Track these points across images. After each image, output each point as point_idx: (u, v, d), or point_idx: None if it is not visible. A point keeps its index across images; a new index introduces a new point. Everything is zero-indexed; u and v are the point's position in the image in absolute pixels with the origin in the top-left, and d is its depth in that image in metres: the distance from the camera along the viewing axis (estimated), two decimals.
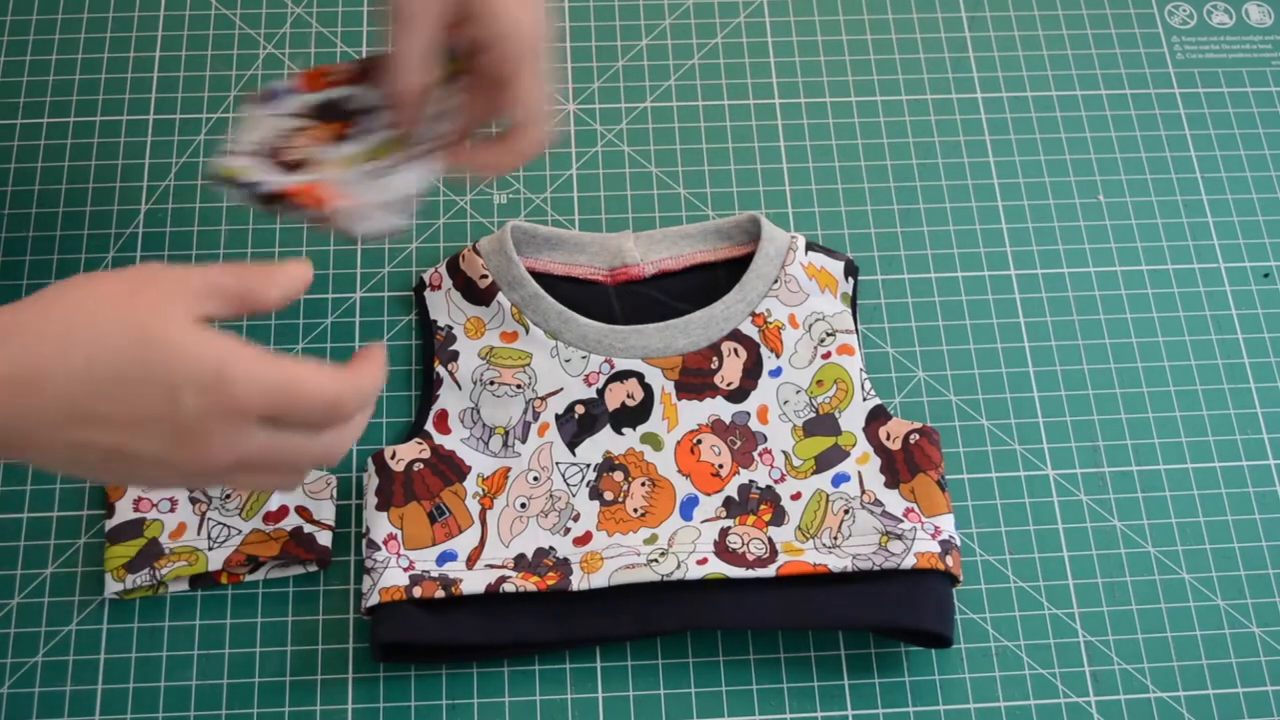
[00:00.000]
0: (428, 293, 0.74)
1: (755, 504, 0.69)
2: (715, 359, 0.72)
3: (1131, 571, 0.71)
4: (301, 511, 0.69)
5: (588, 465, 0.70)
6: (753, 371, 0.72)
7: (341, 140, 0.63)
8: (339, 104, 0.64)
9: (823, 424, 0.71)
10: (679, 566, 0.66)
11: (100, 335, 0.50)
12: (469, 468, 0.70)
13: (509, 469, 0.70)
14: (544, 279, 0.74)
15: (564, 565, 0.67)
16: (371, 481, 0.69)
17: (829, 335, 0.73)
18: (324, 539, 0.68)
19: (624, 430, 0.71)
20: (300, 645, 0.67)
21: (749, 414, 0.71)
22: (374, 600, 0.65)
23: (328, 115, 0.63)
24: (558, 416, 0.71)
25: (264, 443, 0.51)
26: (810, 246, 0.74)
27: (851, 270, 0.75)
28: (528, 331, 0.72)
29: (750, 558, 0.67)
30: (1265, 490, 0.73)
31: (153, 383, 0.49)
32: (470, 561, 0.67)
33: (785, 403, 0.71)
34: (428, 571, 0.66)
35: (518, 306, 0.72)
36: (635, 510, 0.69)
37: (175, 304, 0.51)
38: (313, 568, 0.69)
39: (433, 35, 0.59)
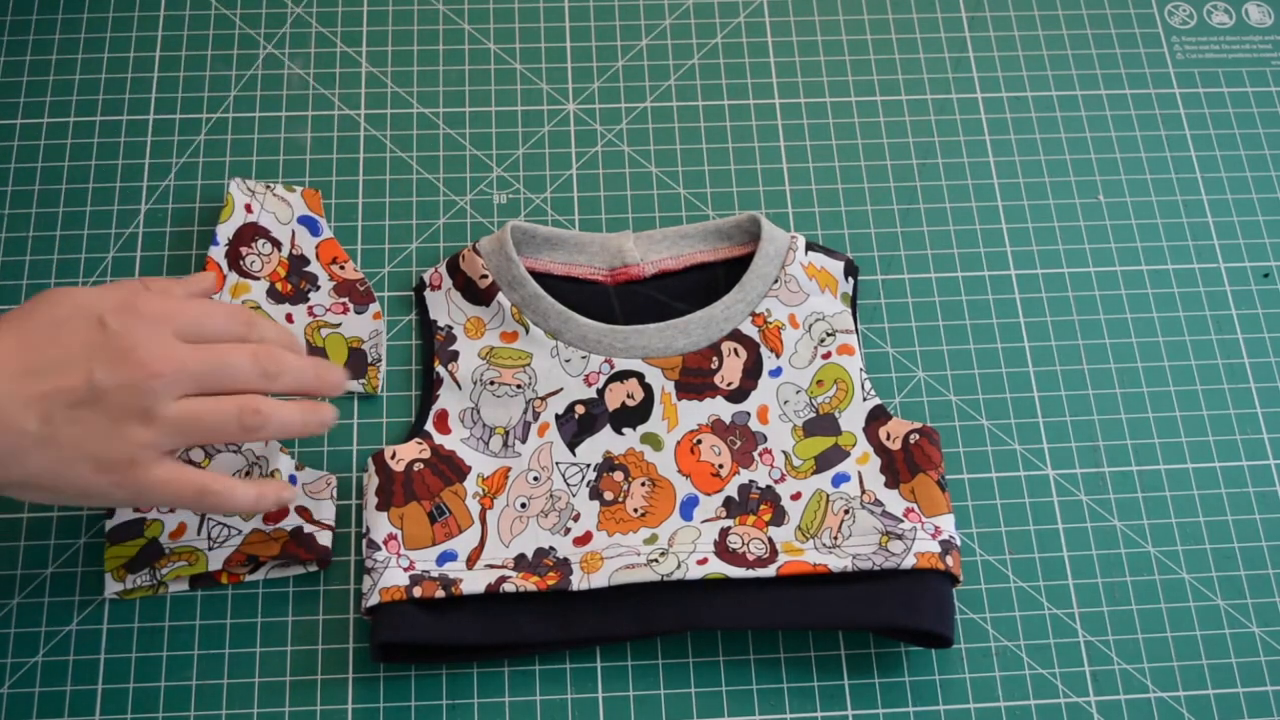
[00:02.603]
0: (428, 293, 0.74)
1: (755, 504, 0.69)
2: (715, 359, 0.72)
3: (1131, 571, 0.71)
4: (301, 511, 0.69)
5: (588, 465, 0.70)
6: (753, 371, 0.72)
7: None
8: None
9: (823, 424, 0.71)
10: (679, 566, 0.66)
11: (27, 307, 0.58)
12: (469, 468, 0.70)
13: (509, 469, 0.70)
14: (544, 279, 0.74)
15: (564, 565, 0.67)
16: (371, 481, 0.69)
17: (829, 335, 0.73)
18: (324, 539, 0.68)
19: (624, 430, 0.71)
20: (300, 645, 0.67)
21: (749, 414, 0.71)
22: (374, 600, 0.65)
23: None
24: (558, 416, 0.71)
25: (194, 348, 0.58)
26: (810, 246, 0.75)
27: (851, 270, 0.75)
28: (528, 331, 0.72)
29: (750, 558, 0.67)
30: (1265, 490, 0.73)
31: (78, 317, 0.56)
32: (470, 561, 0.67)
33: (785, 403, 0.71)
34: (428, 571, 0.66)
35: (518, 306, 0.72)
36: (635, 510, 0.69)
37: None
38: (313, 568, 0.69)
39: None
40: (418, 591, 0.65)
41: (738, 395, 0.71)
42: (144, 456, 0.57)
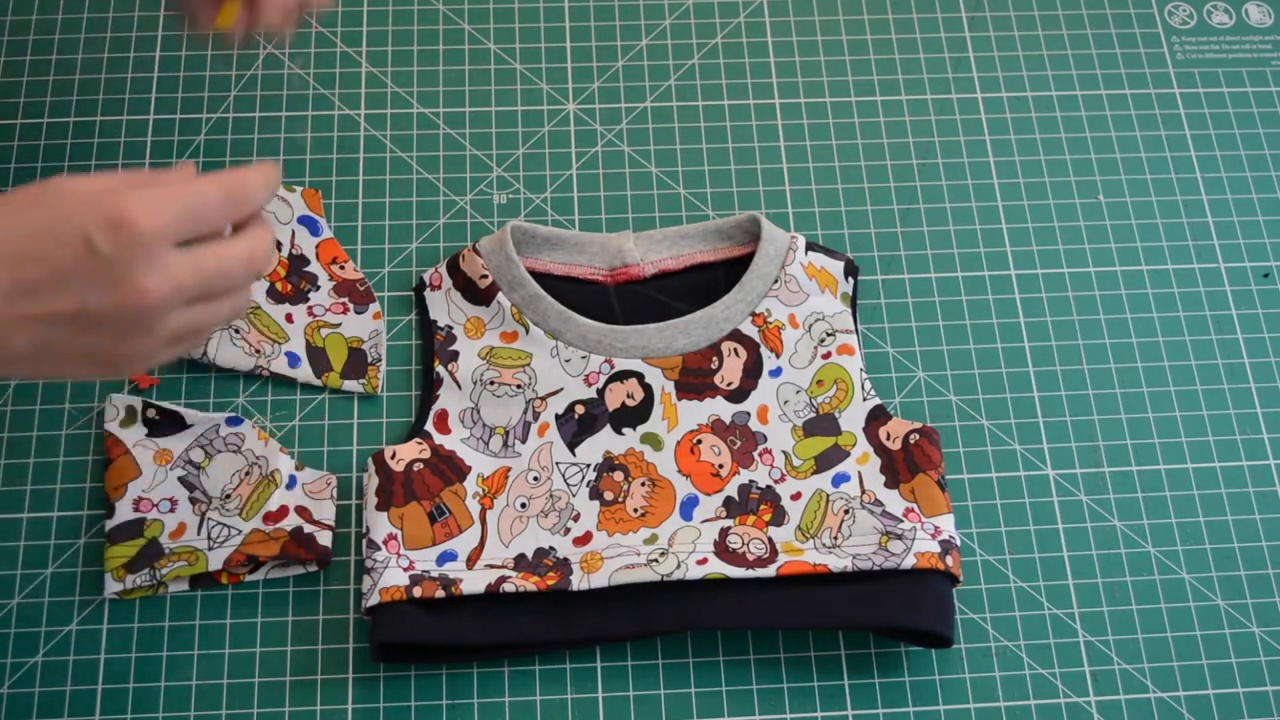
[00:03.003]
0: (428, 293, 0.74)
1: (755, 504, 0.69)
2: (715, 359, 0.72)
3: (1131, 571, 0.71)
4: (301, 511, 0.69)
5: (588, 465, 0.70)
6: (753, 371, 0.72)
7: None
8: None
9: (823, 424, 0.71)
10: (679, 566, 0.66)
11: (15, 213, 0.52)
12: (469, 468, 0.70)
13: (509, 469, 0.70)
14: (544, 279, 0.74)
15: (564, 565, 0.67)
16: (371, 481, 0.69)
17: (829, 335, 0.73)
18: (324, 539, 0.68)
19: (624, 430, 0.71)
20: (300, 645, 0.67)
21: (749, 414, 0.71)
22: (374, 600, 0.65)
23: None
24: (558, 416, 0.71)
25: (188, 262, 0.53)
26: (810, 246, 0.75)
27: (851, 270, 0.75)
28: (528, 331, 0.72)
29: (750, 558, 0.67)
30: (1265, 490, 0.73)
31: (64, 235, 0.51)
32: (470, 561, 0.67)
33: (785, 403, 0.71)
34: (428, 571, 0.66)
35: (518, 306, 0.72)
36: (635, 510, 0.69)
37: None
38: (313, 568, 0.69)
39: None
40: (418, 591, 0.65)
41: (738, 395, 0.71)
42: (142, 359, 0.56)
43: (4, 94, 0.81)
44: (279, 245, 0.75)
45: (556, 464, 0.70)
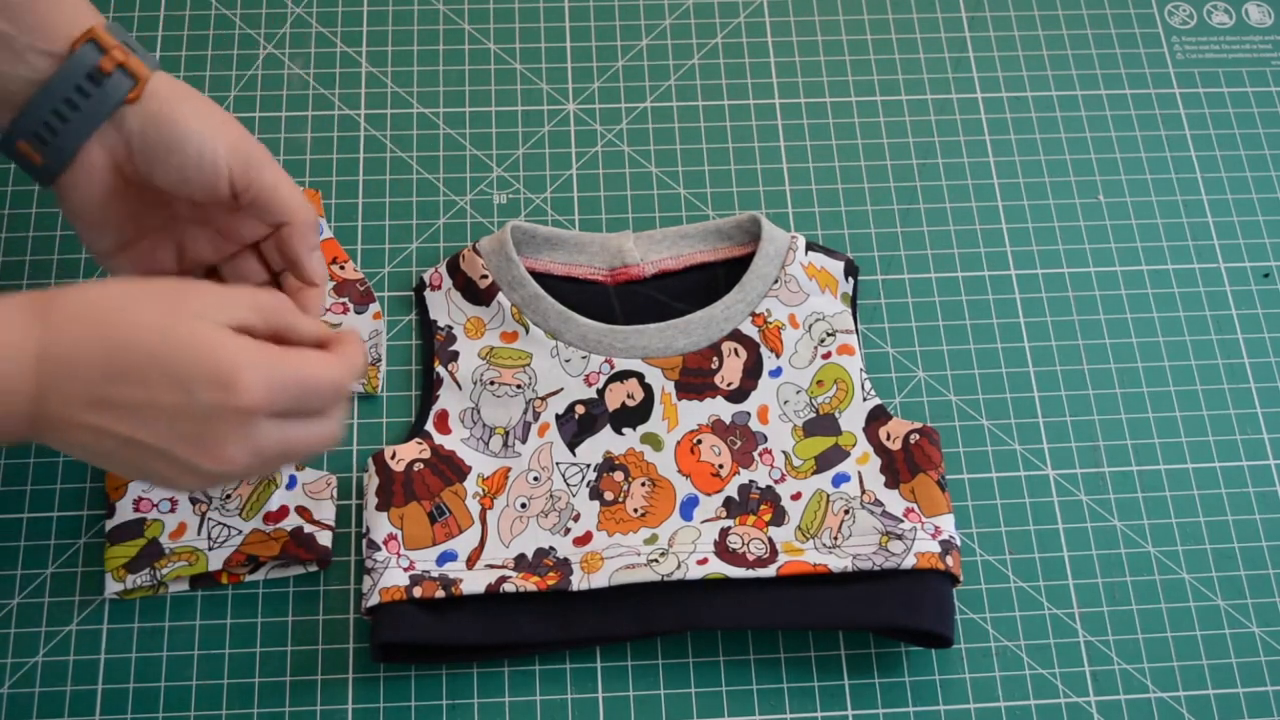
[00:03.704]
0: (428, 293, 0.74)
1: (755, 504, 0.69)
2: (715, 359, 0.72)
3: (1131, 571, 0.71)
4: (301, 511, 0.69)
5: (588, 465, 0.70)
6: (753, 371, 0.72)
7: None
8: None
9: (823, 424, 0.71)
10: (679, 566, 0.66)
11: (131, 324, 0.52)
12: (469, 468, 0.70)
13: (509, 469, 0.70)
14: (544, 279, 0.74)
15: (564, 565, 0.67)
16: (372, 481, 0.69)
17: (829, 335, 0.73)
18: (324, 539, 0.68)
19: (624, 430, 0.71)
20: (300, 645, 0.67)
21: (749, 414, 0.71)
22: (374, 600, 0.65)
23: None
24: (558, 416, 0.71)
25: (274, 435, 0.53)
26: (810, 246, 0.75)
27: (851, 270, 0.75)
28: (528, 331, 0.72)
29: (750, 558, 0.67)
30: (1265, 490, 0.73)
31: (170, 377, 0.51)
32: (470, 561, 0.67)
33: (785, 403, 0.71)
34: (428, 571, 0.66)
35: (518, 307, 0.72)
36: (635, 510, 0.69)
37: (211, 308, 0.53)
38: (313, 568, 0.69)
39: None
40: (418, 591, 0.65)
41: (738, 395, 0.71)
42: (190, 488, 0.58)
43: None
44: None
45: (556, 464, 0.70)
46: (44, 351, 0.51)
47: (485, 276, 0.73)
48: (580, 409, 0.71)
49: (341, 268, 0.75)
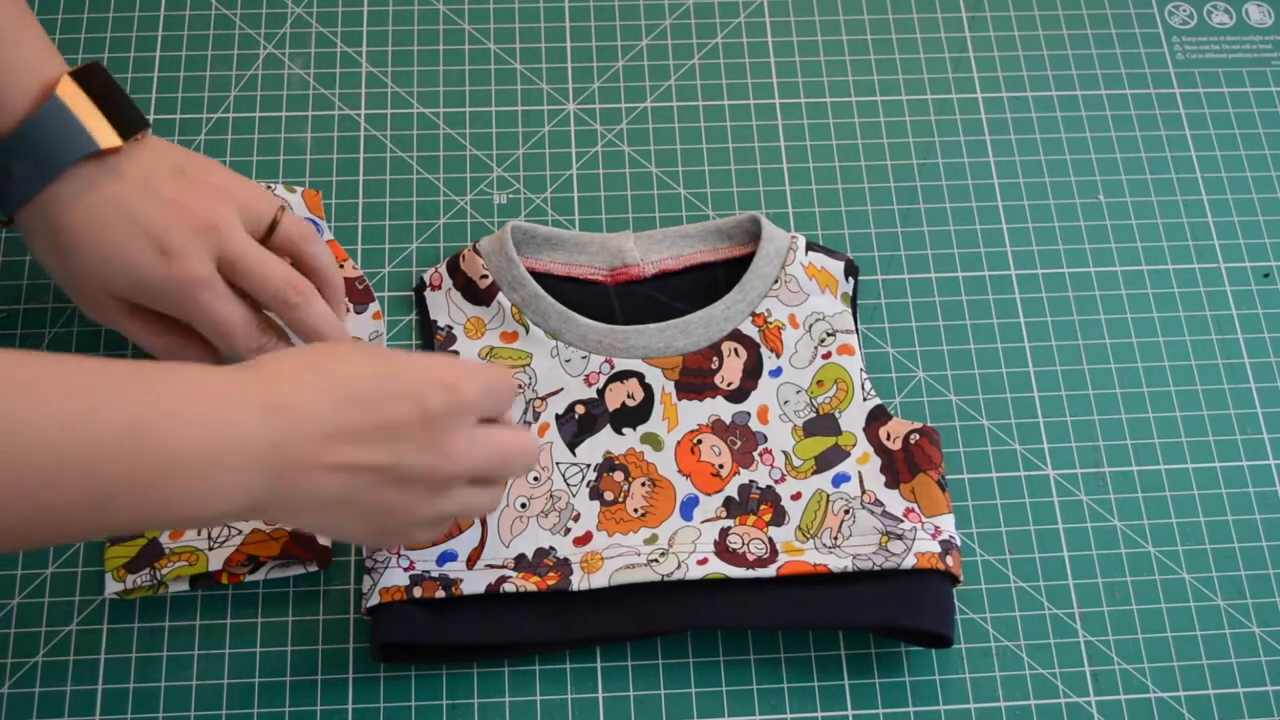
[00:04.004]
0: (428, 293, 0.74)
1: (755, 504, 0.69)
2: (715, 359, 0.72)
3: (1132, 571, 0.71)
4: None
5: (588, 465, 0.70)
6: (753, 371, 0.72)
7: None
8: None
9: (823, 424, 0.71)
10: (679, 566, 0.66)
11: (346, 362, 0.55)
12: None
13: None
14: (544, 279, 0.74)
15: (564, 565, 0.67)
16: None
17: (829, 335, 0.73)
18: (324, 539, 0.68)
19: (624, 430, 0.71)
20: (300, 645, 0.67)
21: (749, 414, 0.71)
22: (374, 600, 0.65)
23: None
24: (558, 417, 0.71)
25: (485, 438, 0.57)
26: (810, 246, 0.75)
27: (851, 270, 0.75)
28: (528, 332, 0.72)
29: (750, 558, 0.67)
30: (1265, 490, 0.73)
31: (401, 393, 0.54)
32: (470, 562, 0.67)
33: (785, 403, 0.71)
34: (428, 571, 0.66)
35: (518, 307, 0.72)
36: (635, 510, 0.69)
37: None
38: (313, 568, 0.69)
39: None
40: (418, 592, 0.65)
41: (738, 395, 0.71)
42: (414, 534, 0.59)
43: None
44: None
45: (557, 464, 0.70)
46: (269, 401, 0.51)
47: (485, 276, 0.73)
48: (580, 409, 0.71)
49: (341, 267, 0.75)
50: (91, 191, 0.61)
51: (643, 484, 0.69)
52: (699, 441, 0.70)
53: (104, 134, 0.61)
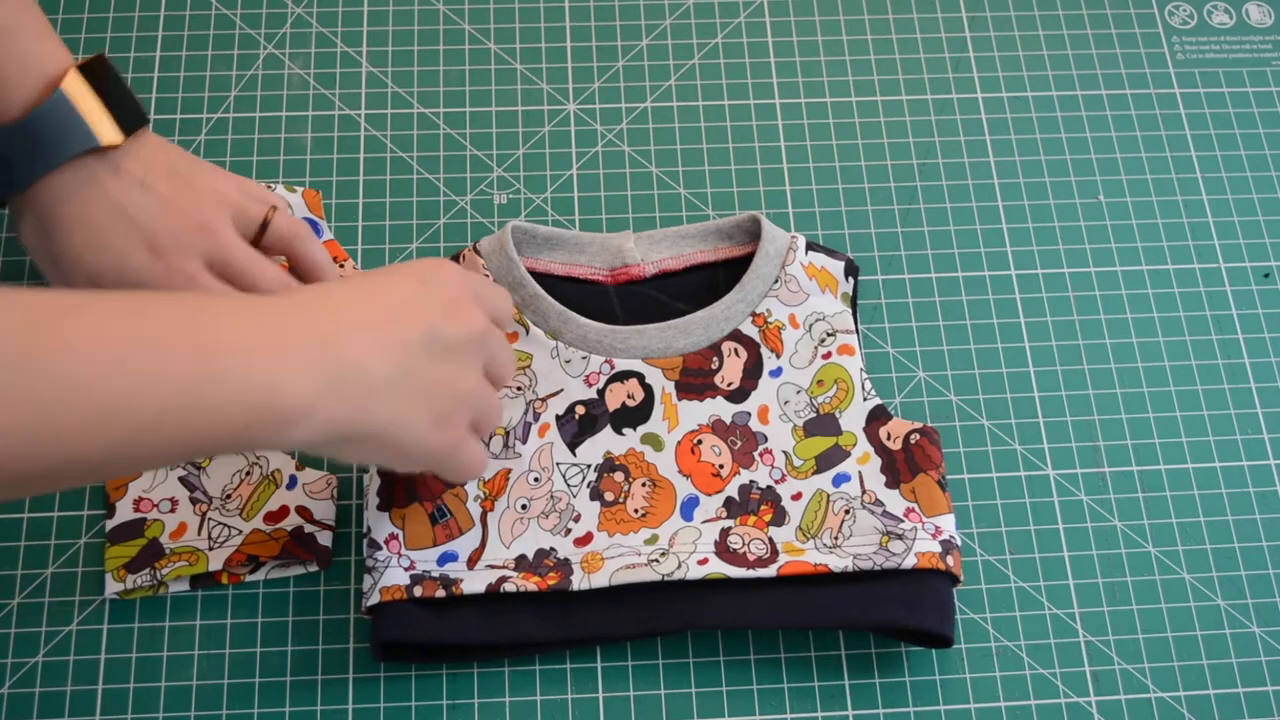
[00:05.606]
0: None
1: (756, 504, 0.69)
2: (715, 359, 0.72)
3: (1132, 571, 0.71)
4: (302, 511, 0.69)
5: (588, 466, 0.70)
6: (753, 371, 0.72)
7: None
8: None
9: (823, 424, 0.71)
10: (680, 566, 0.66)
11: (374, 283, 0.59)
12: None
13: (510, 470, 0.70)
14: (544, 279, 0.74)
15: (565, 565, 0.67)
16: (373, 483, 0.69)
17: (829, 335, 0.73)
18: (324, 539, 0.68)
19: (624, 431, 0.71)
20: (300, 645, 0.67)
21: (749, 414, 0.71)
22: (375, 599, 0.65)
23: None
24: (558, 417, 0.71)
25: (489, 320, 0.61)
26: (810, 246, 0.74)
27: (851, 270, 0.75)
28: (528, 332, 0.72)
29: (751, 558, 0.67)
30: (1265, 490, 0.73)
31: (417, 275, 0.59)
32: (471, 562, 0.67)
33: (786, 403, 0.71)
34: (428, 571, 0.66)
35: (518, 307, 0.72)
36: (636, 511, 0.69)
37: None
38: (313, 568, 0.69)
39: None
40: (418, 591, 0.65)
41: (738, 395, 0.71)
42: (463, 417, 0.59)
43: None
44: None
45: (557, 465, 0.70)
46: (314, 340, 0.54)
47: (485, 276, 0.73)
48: (580, 409, 0.71)
49: (341, 267, 0.75)
50: (89, 185, 0.61)
51: (643, 484, 0.69)
52: (699, 442, 0.70)
53: (106, 130, 0.61)
